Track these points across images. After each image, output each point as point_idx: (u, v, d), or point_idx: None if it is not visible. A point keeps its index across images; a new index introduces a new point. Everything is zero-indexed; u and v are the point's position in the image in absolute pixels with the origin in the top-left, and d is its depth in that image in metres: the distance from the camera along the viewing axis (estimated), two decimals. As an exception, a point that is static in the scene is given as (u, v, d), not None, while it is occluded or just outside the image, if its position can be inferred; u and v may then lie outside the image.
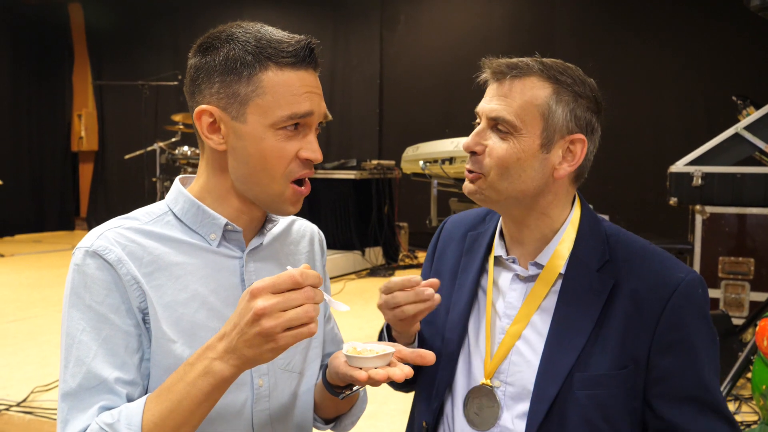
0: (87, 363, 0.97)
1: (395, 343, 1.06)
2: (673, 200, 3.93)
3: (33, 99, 9.67)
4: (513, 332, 1.16)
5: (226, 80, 1.02)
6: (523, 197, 1.14)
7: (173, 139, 6.85)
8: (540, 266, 1.17)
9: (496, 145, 1.13)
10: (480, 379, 1.18)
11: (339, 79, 8.51)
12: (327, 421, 1.25)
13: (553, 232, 1.18)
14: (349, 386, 1.06)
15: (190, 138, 7.36)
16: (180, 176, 1.16)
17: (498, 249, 1.23)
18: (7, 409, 2.93)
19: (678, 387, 1.09)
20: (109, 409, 0.95)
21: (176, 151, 6.52)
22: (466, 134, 1.17)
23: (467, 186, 1.17)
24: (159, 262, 1.04)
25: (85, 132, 9.74)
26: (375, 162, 6.99)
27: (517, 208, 1.17)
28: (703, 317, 1.12)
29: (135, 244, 1.03)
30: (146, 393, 1.01)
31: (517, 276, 1.20)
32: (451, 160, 5.30)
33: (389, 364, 0.98)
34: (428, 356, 1.02)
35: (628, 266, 1.13)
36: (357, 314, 4.91)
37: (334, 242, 6.87)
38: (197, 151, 6.44)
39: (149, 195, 6.78)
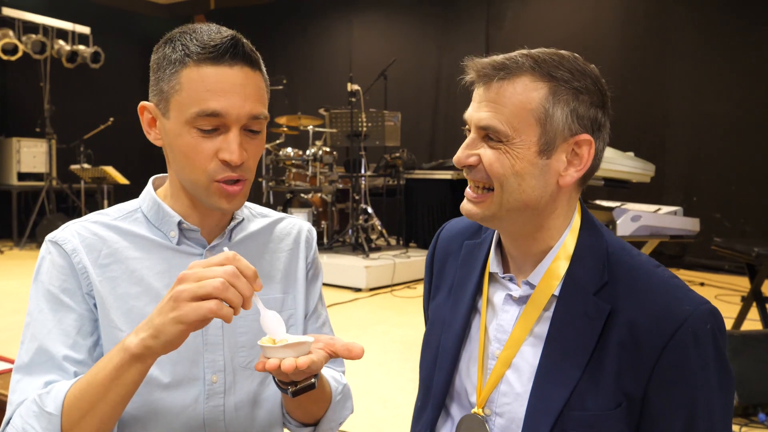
0: (40, 339, 1.03)
1: (333, 337, 1.00)
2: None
3: (162, 105, 10.48)
4: (503, 359, 1.06)
5: (156, 77, 1.05)
6: (525, 209, 1.02)
7: (278, 141, 7.12)
8: (532, 286, 1.06)
9: (486, 154, 1.01)
10: (472, 407, 1.10)
11: (444, 79, 8.47)
12: (304, 425, 1.21)
13: (550, 246, 1.05)
14: (294, 383, 1.01)
15: (294, 139, 7.64)
16: (155, 176, 1.20)
17: (493, 265, 1.12)
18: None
19: (670, 429, 0.97)
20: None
21: (280, 153, 6.77)
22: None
23: (470, 209, 1.05)
24: (117, 255, 1.09)
25: (207, 135, 10.41)
26: (474, 162, 6.88)
27: (518, 222, 1.05)
28: (713, 357, 0.96)
29: (96, 236, 1.10)
30: None
31: (510, 296, 1.09)
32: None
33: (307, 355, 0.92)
34: (356, 350, 0.96)
35: (628, 292, 0.99)
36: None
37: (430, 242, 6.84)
38: (300, 152, 6.67)
39: (255, 194, 7.10)
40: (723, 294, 5.41)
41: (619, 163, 3.05)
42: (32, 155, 8.43)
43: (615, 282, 1.01)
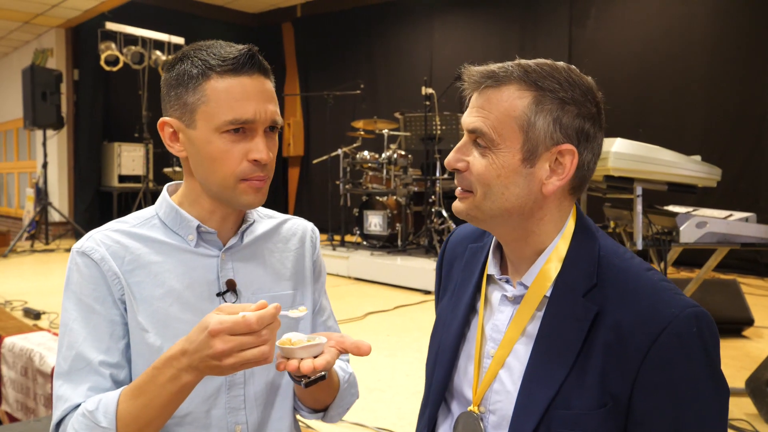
0: (76, 347, 1.12)
1: (342, 335, 1.08)
2: None
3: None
4: (498, 358, 1.09)
5: (178, 93, 1.14)
6: (509, 216, 1.06)
7: (355, 145, 7.26)
8: (526, 287, 1.09)
9: (476, 161, 1.06)
10: (470, 404, 1.14)
11: (525, 81, 8.31)
12: (315, 411, 1.30)
13: (543, 249, 1.09)
14: (307, 376, 1.09)
15: (371, 143, 7.75)
16: (169, 183, 1.29)
17: (491, 267, 1.17)
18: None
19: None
20: (95, 389, 1.10)
21: (357, 156, 6.90)
22: (661, 134, 1.09)
23: (456, 205, 1.11)
24: (139, 261, 1.17)
25: (292, 139, 10.73)
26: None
27: (504, 227, 1.09)
28: (701, 361, 0.95)
29: (119, 244, 1.18)
30: (131, 374, 1.16)
31: (506, 297, 1.12)
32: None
33: (320, 355, 1.02)
34: (363, 347, 1.05)
35: (616, 294, 1.01)
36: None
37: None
38: (376, 156, 6.77)
39: (333, 197, 7.27)
40: (820, 307, 5.01)
41: (682, 167, 2.92)
42: (131, 159, 9.05)
43: (604, 284, 1.02)
